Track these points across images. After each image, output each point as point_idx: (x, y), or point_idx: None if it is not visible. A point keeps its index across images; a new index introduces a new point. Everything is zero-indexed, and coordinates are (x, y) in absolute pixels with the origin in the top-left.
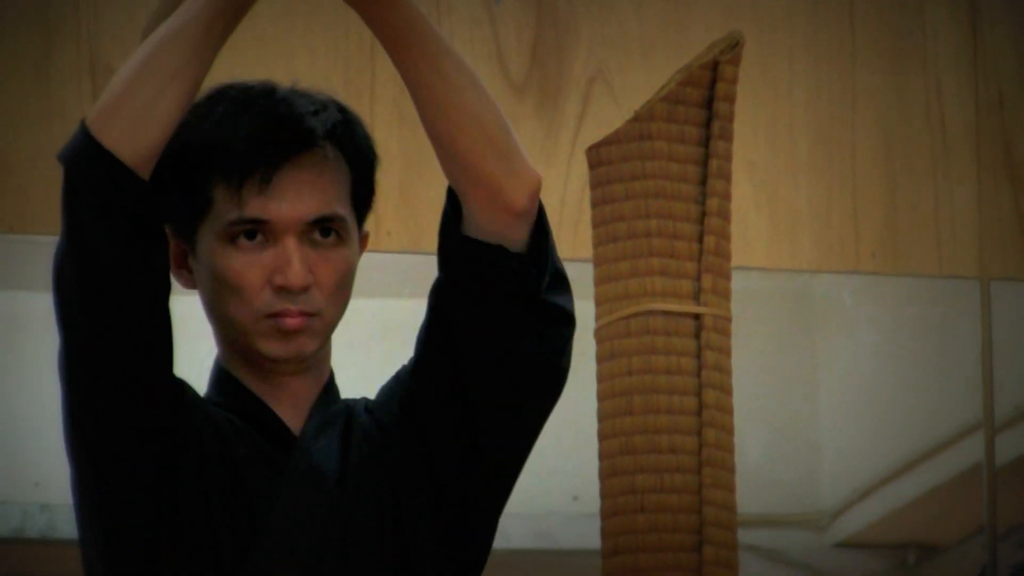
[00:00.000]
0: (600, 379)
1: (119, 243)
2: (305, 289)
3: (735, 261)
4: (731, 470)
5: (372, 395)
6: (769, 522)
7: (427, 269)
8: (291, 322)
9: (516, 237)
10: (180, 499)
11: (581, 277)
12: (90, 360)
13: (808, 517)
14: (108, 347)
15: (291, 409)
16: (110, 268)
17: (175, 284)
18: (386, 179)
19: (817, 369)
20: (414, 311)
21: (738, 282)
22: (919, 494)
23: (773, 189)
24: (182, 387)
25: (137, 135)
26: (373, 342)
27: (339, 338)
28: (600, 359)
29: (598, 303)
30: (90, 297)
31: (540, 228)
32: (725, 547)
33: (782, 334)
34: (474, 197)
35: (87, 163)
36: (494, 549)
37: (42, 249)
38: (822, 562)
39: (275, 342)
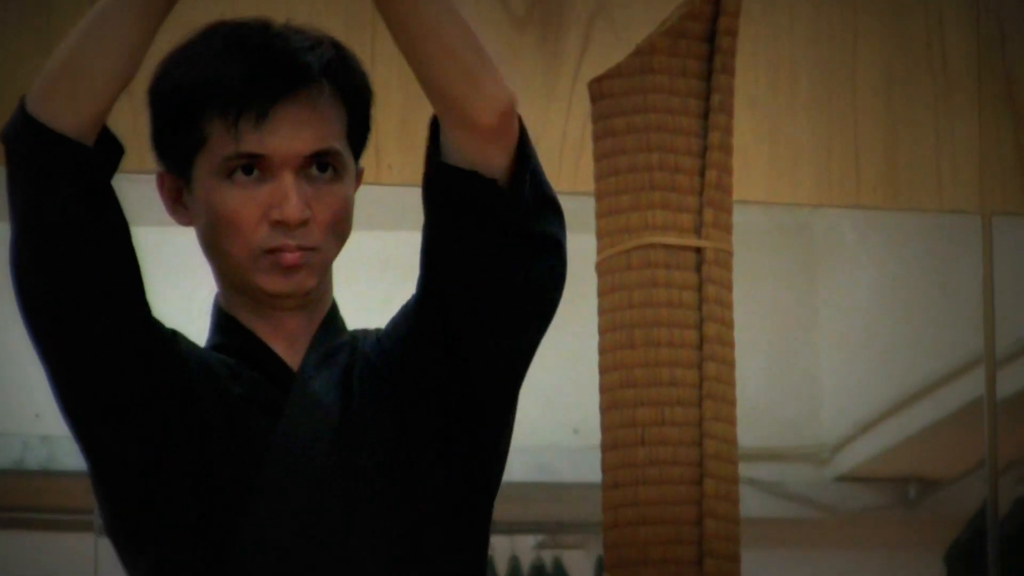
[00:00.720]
0: (601, 312)
1: (73, 214)
2: (303, 224)
3: (736, 195)
4: (732, 403)
5: (376, 327)
6: (769, 456)
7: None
8: (289, 257)
9: (494, 163)
10: (176, 445)
11: (583, 211)
12: (66, 338)
13: (809, 451)
14: (81, 320)
15: (289, 347)
16: (69, 241)
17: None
18: (387, 113)
19: (818, 304)
20: (415, 244)
21: (739, 216)
22: (920, 428)
23: (774, 124)
24: (171, 336)
25: (78, 107)
26: (374, 276)
27: (340, 272)
28: (601, 292)
29: (599, 236)
30: (55, 275)
31: (521, 154)
32: (726, 480)
33: (783, 268)
34: (444, 117)
35: (27, 140)
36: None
37: None
38: (822, 496)
39: (274, 278)
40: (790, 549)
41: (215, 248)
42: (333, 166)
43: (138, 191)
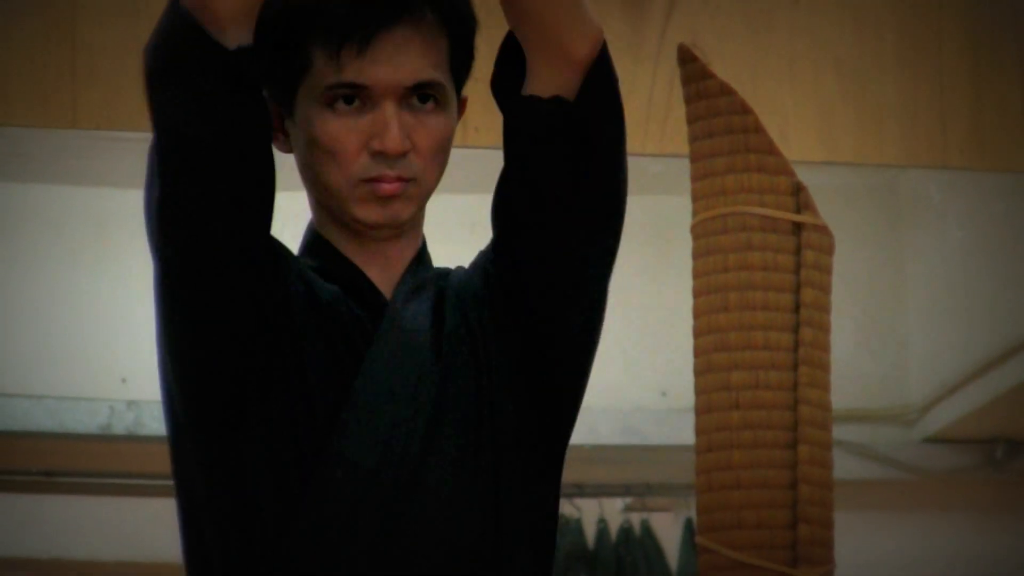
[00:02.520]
0: (696, 275)
1: (226, 115)
2: (402, 155)
3: (821, 156)
4: (827, 369)
5: (459, 265)
6: (858, 417)
7: None
8: (387, 187)
9: (574, 86)
10: (274, 361)
11: (670, 172)
12: (193, 242)
13: (896, 412)
14: (214, 225)
15: (383, 273)
16: (219, 144)
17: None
18: (473, 76)
19: (905, 264)
20: None
21: (825, 177)
22: (1007, 389)
23: (860, 84)
24: (285, 253)
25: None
26: (462, 238)
27: (428, 234)
28: (696, 255)
29: (694, 199)
30: (197, 178)
31: (596, 65)
32: (820, 446)
33: (870, 229)
34: (540, 51)
35: (181, 40)
36: (582, 444)
37: (129, 146)
38: (910, 457)
39: (371, 207)
40: (877, 511)
41: (314, 176)
42: (435, 97)
43: None
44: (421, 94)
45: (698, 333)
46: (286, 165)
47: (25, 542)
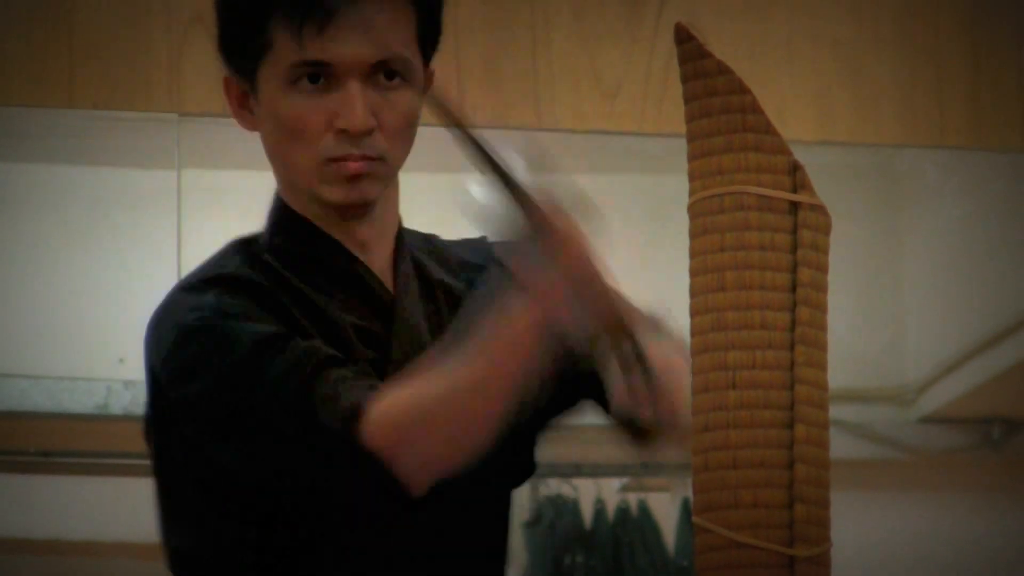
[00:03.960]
0: (692, 255)
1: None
2: (368, 133)
3: (818, 135)
4: (824, 349)
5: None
6: (854, 396)
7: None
8: (353, 166)
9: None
10: None
11: (668, 153)
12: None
13: (893, 392)
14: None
15: (362, 254)
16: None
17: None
18: (470, 53)
19: (902, 244)
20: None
21: (822, 156)
22: (1005, 368)
23: (857, 63)
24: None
25: (430, 469)
26: (459, 215)
27: (420, 213)
28: (693, 235)
29: (691, 179)
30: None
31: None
32: (817, 426)
33: (867, 208)
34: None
35: (350, 461)
36: (580, 424)
37: (126, 125)
38: (906, 437)
39: (337, 187)
40: (873, 490)
41: (280, 156)
42: (400, 73)
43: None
44: (387, 70)
45: (695, 312)
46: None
47: (22, 522)
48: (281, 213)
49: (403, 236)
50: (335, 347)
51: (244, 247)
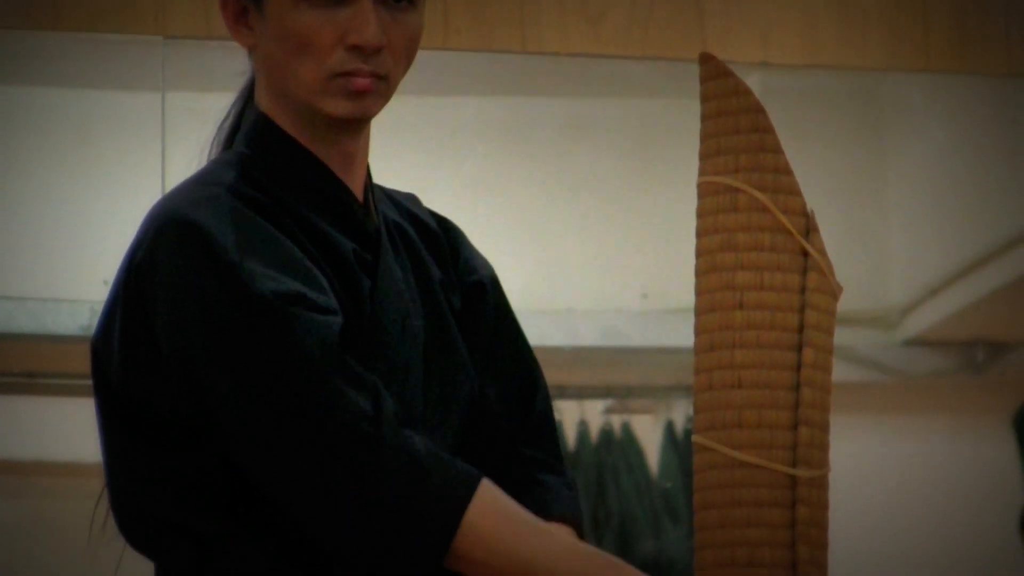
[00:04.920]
0: (702, 173)
1: None
2: (378, 51)
3: (803, 60)
4: (832, 275)
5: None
6: (838, 320)
7: (496, 68)
8: (361, 82)
9: None
10: None
11: (653, 75)
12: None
13: (877, 314)
14: None
15: (345, 167)
16: None
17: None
18: None
19: (887, 168)
20: (483, 109)
21: (807, 81)
22: (989, 292)
23: None
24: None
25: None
26: (443, 140)
27: (408, 136)
28: (703, 156)
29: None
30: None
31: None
32: (824, 350)
33: (851, 133)
34: None
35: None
36: (563, 346)
37: (112, 48)
38: (891, 360)
39: (342, 101)
40: (857, 413)
41: (283, 70)
42: None
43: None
44: None
45: (702, 233)
46: None
47: (7, 444)
48: (267, 132)
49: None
50: (339, 275)
51: (235, 166)
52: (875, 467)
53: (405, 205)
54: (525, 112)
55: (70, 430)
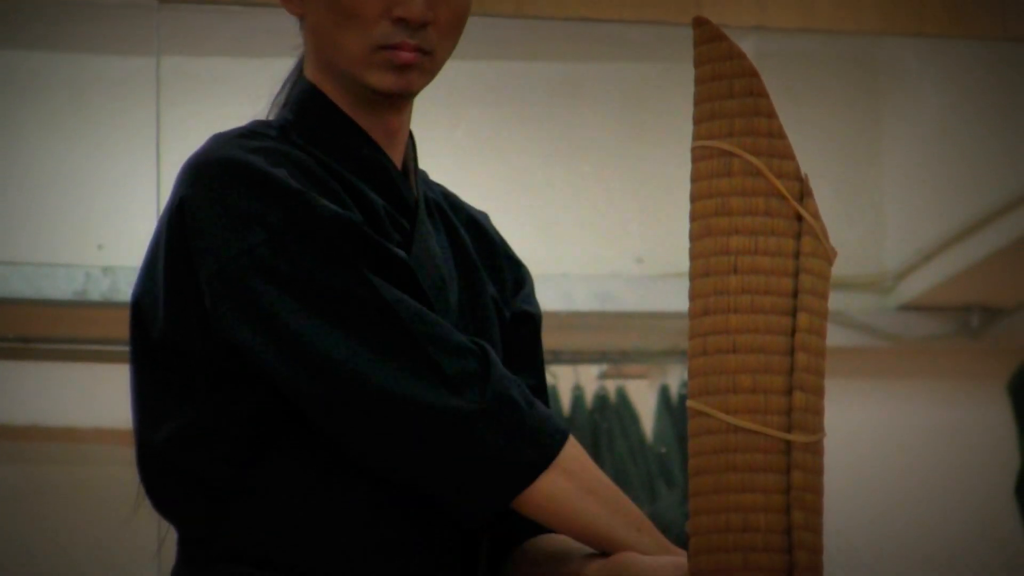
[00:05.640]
0: (696, 137)
1: None
2: (424, 25)
3: (798, 23)
4: (827, 237)
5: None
6: (833, 284)
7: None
8: (405, 56)
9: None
10: None
11: (646, 39)
12: None
13: (872, 279)
14: None
15: (388, 140)
16: None
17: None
18: None
19: (881, 133)
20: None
21: (802, 45)
22: (983, 256)
23: None
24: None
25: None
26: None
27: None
28: (698, 120)
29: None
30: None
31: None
32: (819, 315)
33: (847, 97)
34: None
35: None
36: (558, 311)
37: (105, 11)
38: (885, 324)
39: (386, 74)
40: (851, 378)
41: (329, 40)
42: None
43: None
44: None
45: (697, 197)
46: None
47: (2, 409)
48: (312, 100)
49: (414, 141)
50: (371, 228)
51: (276, 127)
52: (870, 432)
53: (453, 199)
54: (519, 76)
55: (65, 394)
